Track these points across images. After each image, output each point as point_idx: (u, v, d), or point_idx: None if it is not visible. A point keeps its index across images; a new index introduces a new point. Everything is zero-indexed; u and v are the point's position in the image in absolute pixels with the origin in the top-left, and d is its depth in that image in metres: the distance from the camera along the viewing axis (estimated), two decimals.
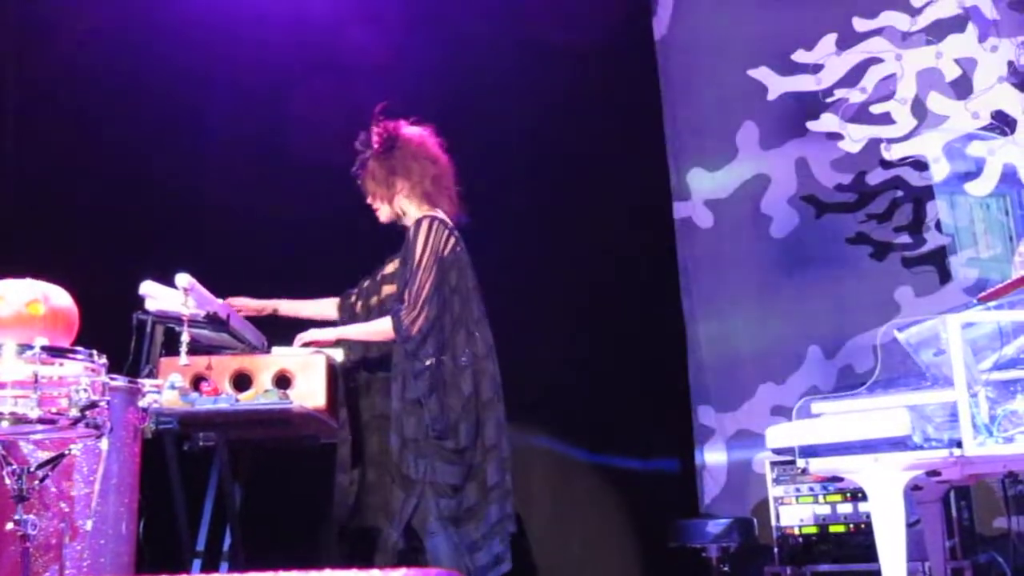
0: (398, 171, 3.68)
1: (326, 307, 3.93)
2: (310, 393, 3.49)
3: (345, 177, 3.93)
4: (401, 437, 3.45)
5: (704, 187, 5.59)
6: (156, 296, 3.47)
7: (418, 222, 3.58)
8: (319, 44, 5.09)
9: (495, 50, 5.20)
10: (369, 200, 3.76)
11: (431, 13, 5.21)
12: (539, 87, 5.20)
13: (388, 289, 3.76)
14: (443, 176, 3.73)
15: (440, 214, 3.66)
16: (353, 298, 3.89)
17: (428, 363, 3.43)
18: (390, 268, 3.81)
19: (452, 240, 3.59)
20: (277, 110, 4.96)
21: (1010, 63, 5.18)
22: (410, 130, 3.74)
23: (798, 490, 4.56)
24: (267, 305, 3.92)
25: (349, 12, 5.10)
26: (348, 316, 3.86)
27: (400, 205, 3.72)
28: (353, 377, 3.75)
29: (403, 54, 5.08)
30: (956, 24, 5.28)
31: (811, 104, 5.45)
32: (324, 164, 4.61)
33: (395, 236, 3.78)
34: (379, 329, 3.58)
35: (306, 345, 3.63)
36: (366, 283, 3.89)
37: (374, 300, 3.80)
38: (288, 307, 3.95)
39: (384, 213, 3.75)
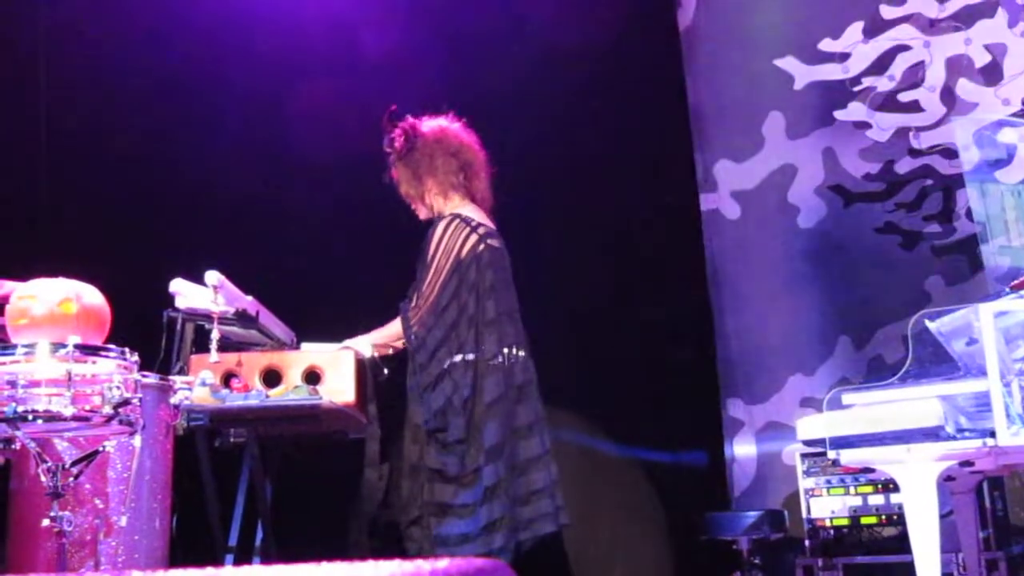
0: (423, 170, 3.70)
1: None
2: (339, 389, 3.50)
3: (367, 173, 3.95)
4: (409, 427, 3.52)
5: (731, 178, 5.56)
6: (186, 294, 3.50)
7: (436, 224, 3.63)
8: (345, 43, 5.10)
9: (518, 44, 5.19)
10: (406, 200, 3.79)
11: (450, 8, 5.20)
12: (563, 80, 5.18)
13: None
14: (472, 162, 3.74)
15: (466, 211, 3.66)
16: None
17: (433, 362, 3.48)
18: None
19: (473, 238, 3.59)
20: (303, 109, 4.97)
21: None
22: (429, 125, 3.74)
23: (829, 482, 4.53)
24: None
25: (373, 10, 5.11)
26: None
27: (434, 202, 3.74)
28: (381, 372, 3.77)
29: (424, 48, 5.08)
30: (986, 9, 5.22)
31: (838, 93, 5.41)
32: (350, 161, 4.63)
33: (415, 229, 3.82)
34: (393, 331, 3.66)
35: None
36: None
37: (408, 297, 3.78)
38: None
39: (422, 212, 3.78)
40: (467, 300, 3.53)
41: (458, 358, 3.49)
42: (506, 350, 3.54)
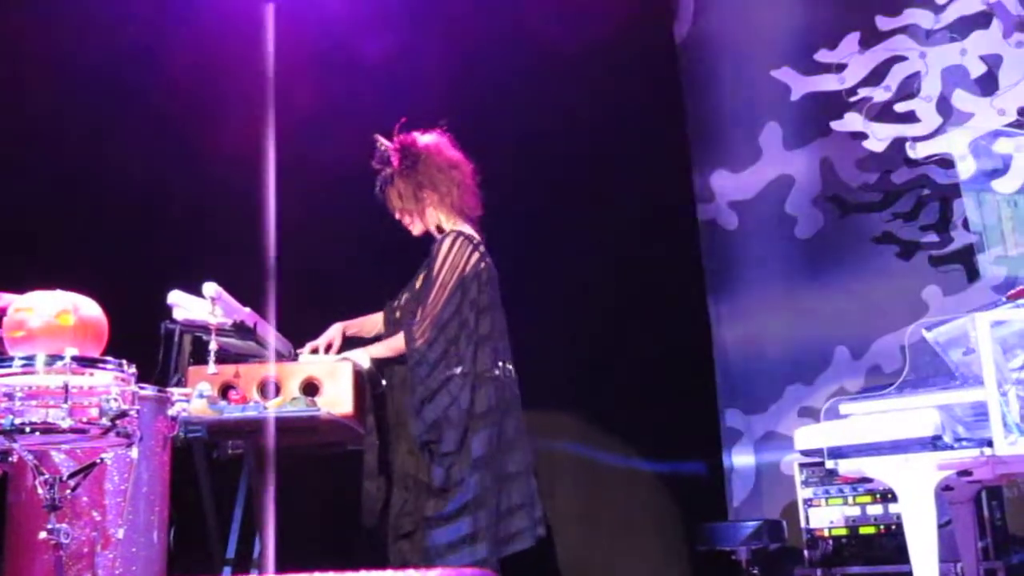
0: (425, 185, 3.67)
1: (379, 322, 3.85)
2: (337, 400, 3.50)
3: (365, 182, 3.94)
4: (408, 440, 3.49)
5: (728, 188, 5.58)
6: (184, 305, 3.50)
7: (442, 239, 3.60)
8: (342, 46, 5.11)
9: (516, 53, 5.20)
10: (398, 216, 3.76)
11: (446, 15, 5.21)
12: (560, 90, 5.20)
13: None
14: (466, 179, 3.72)
15: (467, 229, 3.67)
16: (398, 314, 3.79)
17: (432, 376, 3.44)
18: (419, 282, 3.77)
19: (476, 256, 3.59)
20: (298, 115, 4.98)
21: None
22: (426, 139, 3.71)
23: (827, 492, 4.53)
24: (336, 336, 3.83)
25: (370, 13, 5.12)
26: (392, 328, 3.77)
27: (431, 217, 3.72)
28: (379, 384, 3.76)
29: (420, 57, 5.09)
30: (980, 20, 5.24)
31: (835, 104, 5.42)
32: (348, 170, 4.63)
33: (413, 239, 3.82)
34: (396, 344, 3.59)
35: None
36: (404, 295, 3.81)
37: (412, 311, 3.74)
38: (355, 329, 3.88)
39: (417, 228, 3.76)
40: (468, 316, 3.52)
41: (456, 371, 3.47)
42: (501, 363, 3.56)
